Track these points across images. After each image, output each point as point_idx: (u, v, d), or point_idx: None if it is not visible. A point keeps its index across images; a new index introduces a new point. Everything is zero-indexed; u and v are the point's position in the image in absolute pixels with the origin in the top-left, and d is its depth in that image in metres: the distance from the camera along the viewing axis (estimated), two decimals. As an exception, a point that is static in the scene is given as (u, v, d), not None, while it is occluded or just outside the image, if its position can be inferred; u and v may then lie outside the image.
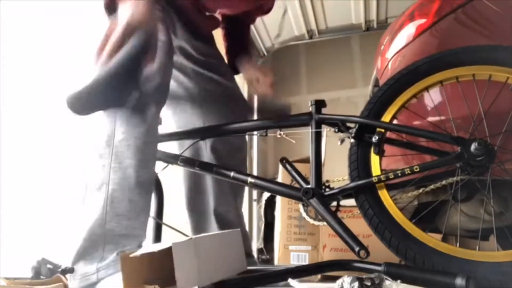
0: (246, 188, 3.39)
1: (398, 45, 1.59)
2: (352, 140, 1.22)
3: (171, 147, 1.52)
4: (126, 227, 1.15)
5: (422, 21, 1.50)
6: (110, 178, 1.15)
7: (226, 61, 1.64)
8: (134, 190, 1.16)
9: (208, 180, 1.55)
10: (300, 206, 1.34)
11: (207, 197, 1.55)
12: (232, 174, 1.35)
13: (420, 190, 1.21)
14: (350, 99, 3.94)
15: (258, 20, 3.45)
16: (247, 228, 3.46)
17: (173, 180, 1.63)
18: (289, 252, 1.97)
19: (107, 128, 1.19)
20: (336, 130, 1.28)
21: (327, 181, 1.28)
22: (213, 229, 1.54)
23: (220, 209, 1.55)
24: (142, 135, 1.18)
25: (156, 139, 1.28)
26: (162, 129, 1.42)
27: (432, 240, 1.08)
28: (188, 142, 1.51)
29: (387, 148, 1.24)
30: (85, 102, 1.13)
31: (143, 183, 1.18)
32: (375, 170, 1.17)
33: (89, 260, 1.13)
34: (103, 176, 1.16)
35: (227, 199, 1.57)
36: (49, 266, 1.09)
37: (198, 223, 1.55)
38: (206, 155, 1.54)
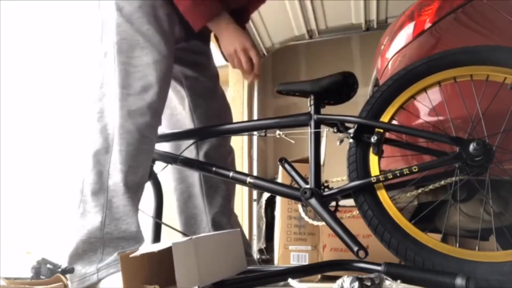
0: (245, 188, 3.40)
1: (398, 45, 1.59)
2: (351, 141, 1.22)
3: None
4: (124, 231, 1.17)
5: (422, 21, 1.50)
6: (108, 184, 1.18)
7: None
8: (125, 195, 1.19)
9: (199, 184, 1.55)
10: (299, 206, 1.34)
11: (198, 200, 1.55)
12: (231, 174, 1.35)
13: (419, 191, 1.21)
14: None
15: (258, 20, 3.45)
16: (247, 228, 3.48)
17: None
18: (289, 252, 1.97)
19: (104, 134, 1.21)
20: (335, 130, 1.28)
21: (326, 181, 1.28)
22: (205, 233, 1.53)
23: (215, 212, 1.56)
24: (136, 142, 1.21)
25: (152, 146, 1.30)
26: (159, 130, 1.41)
27: (432, 240, 1.08)
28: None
29: (386, 148, 1.24)
30: None
31: (131, 188, 1.20)
32: (374, 170, 1.18)
33: (87, 262, 1.13)
34: (101, 181, 1.19)
35: (221, 202, 1.57)
36: (49, 266, 1.09)
37: (189, 227, 1.55)
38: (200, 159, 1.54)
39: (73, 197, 1.22)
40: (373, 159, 1.19)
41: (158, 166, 1.47)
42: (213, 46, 1.62)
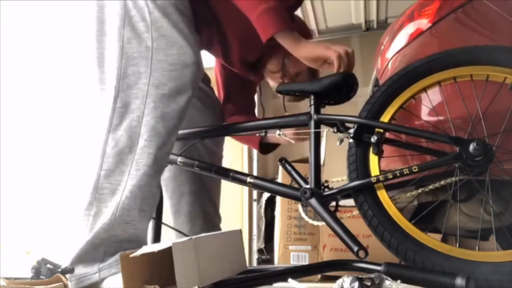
0: (245, 188, 3.40)
1: (398, 45, 1.59)
2: (351, 141, 1.22)
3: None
4: (131, 235, 1.14)
5: (422, 21, 1.49)
6: (126, 185, 1.13)
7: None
8: (146, 199, 1.15)
9: (192, 181, 1.57)
10: (299, 206, 1.34)
11: (192, 198, 1.57)
12: (231, 174, 1.35)
13: (419, 191, 1.21)
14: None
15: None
16: (247, 228, 3.48)
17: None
18: (289, 252, 1.97)
19: (130, 133, 1.15)
20: (335, 130, 1.28)
21: (326, 181, 1.28)
22: (199, 230, 1.56)
23: (207, 210, 1.59)
24: (164, 145, 1.17)
25: (172, 149, 1.26)
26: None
27: (432, 240, 1.08)
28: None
29: (387, 148, 1.24)
30: None
31: (155, 193, 1.18)
32: (374, 170, 1.18)
33: (89, 261, 1.12)
34: (121, 182, 1.13)
35: (213, 199, 1.62)
36: (49, 266, 1.08)
37: (184, 225, 1.57)
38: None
39: (83, 196, 1.15)
40: (373, 159, 1.19)
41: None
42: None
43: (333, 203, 1.28)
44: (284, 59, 1.55)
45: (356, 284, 0.88)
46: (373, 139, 1.18)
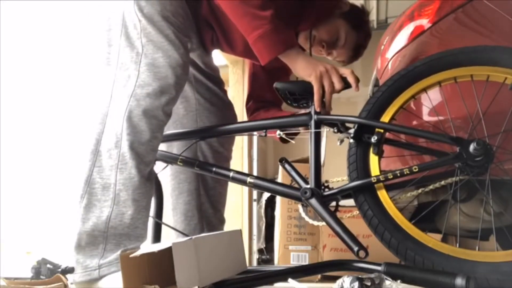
0: (245, 188, 3.40)
1: (398, 45, 1.59)
2: (351, 141, 1.22)
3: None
4: (129, 226, 1.18)
5: (422, 21, 1.50)
6: (117, 178, 1.19)
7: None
8: (138, 189, 1.20)
9: (194, 180, 1.59)
10: (299, 206, 1.34)
11: (190, 197, 1.59)
12: (231, 174, 1.35)
13: (419, 191, 1.21)
14: (350, 99, 3.93)
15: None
16: (247, 228, 3.48)
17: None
18: (289, 252, 1.97)
19: (116, 130, 1.21)
20: (336, 130, 1.28)
21: (326, 181, 1.28)
22: (193, 229, 1.57)
23: (207, 210, 1.60)
24: (147, 142, 1.22)
25: (159, 144, 1.31)
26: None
27: (432, 240, 1.08)
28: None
29: (387, 148, 1.24)
30: None
31: (145, 183, 1.22)
32: (374, 170, 1.18)
33: (88, 255, 1.15)
34: (110, 176, 1.20)
35: (214, 200, 1.62)
36: (49, 266, 1.09)
37: (180, 223, 1.59)
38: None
39: (77, 188, 1.21)
40: (373, 159, 1.19)
41: (158, 166, 1.48)
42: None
43: (333, 203, 1.28)
44: (311, 32, 1.56)
45: (356, 284, 0.88)
46: (373, 139, 1.18)
